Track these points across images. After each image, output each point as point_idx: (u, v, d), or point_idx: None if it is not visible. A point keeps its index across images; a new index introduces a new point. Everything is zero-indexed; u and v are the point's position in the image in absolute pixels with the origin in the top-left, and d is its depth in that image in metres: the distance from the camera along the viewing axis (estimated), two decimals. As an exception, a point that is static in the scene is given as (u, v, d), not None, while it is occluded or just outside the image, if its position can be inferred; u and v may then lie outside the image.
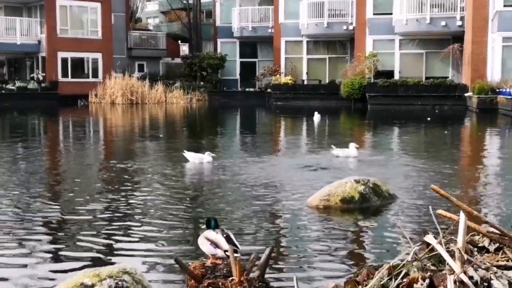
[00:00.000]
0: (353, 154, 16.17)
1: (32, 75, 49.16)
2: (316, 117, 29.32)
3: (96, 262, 7.06)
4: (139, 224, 8.99)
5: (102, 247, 7.82)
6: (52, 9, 48.40)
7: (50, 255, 7.49)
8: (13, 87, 47.09)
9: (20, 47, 48.60)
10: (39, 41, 49.07)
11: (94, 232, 8.54)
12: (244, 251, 6.93)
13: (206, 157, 15.30)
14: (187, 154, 15.50)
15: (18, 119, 35.49)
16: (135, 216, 9.48)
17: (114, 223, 9.05)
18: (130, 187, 12.10)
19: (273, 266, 6.78)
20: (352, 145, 16.33)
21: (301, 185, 12.04)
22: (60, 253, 7.60)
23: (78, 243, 8.00)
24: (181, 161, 15.40)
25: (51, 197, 11.22)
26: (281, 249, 7.68)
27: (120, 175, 13.60)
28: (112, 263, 6.91)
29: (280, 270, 6.84)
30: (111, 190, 11.95)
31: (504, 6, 36.79)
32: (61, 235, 8.45)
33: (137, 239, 8.17)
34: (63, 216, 9.55)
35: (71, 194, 11.50)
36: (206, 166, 14.87)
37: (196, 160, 15.23)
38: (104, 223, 9.11)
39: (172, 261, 6.59)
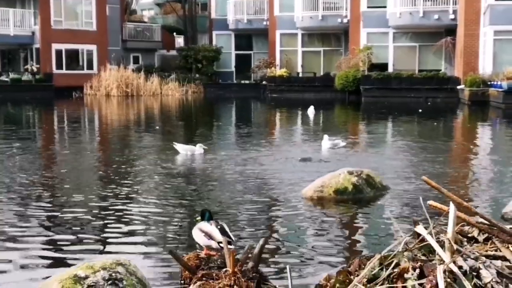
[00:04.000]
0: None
1: (26, 67, 48.93)
2: (311, 110, 29.12)
3: (90, 254, 7.12)
4: (133, 215, 9.04)
5: (95, 239, 7.87)
6: (46, 0, 48.10)
7: (44, 247, 7.53)
8: (7, 79, 46.92)
9: (14, 39, 48.32)
10: (33, 33, 48.80)
11: (87, 224, 8.58)
12: (238, 243, 7.00)
13: (198, 149, 15.37)
14: (178, 146, 15.59)
15: (11, 111, 35.45)
16: (128, 208, 9.52)
17: (107, 215, 9.09)
18: (123, 179, 12.11)
19: (267, 257, 6.85)
20: (326, 138, 16.72)
21: (295, 177, 12.09)
22: (54, 245, 7.63)
23: (71, 235, 8.04)
24: (174, 153, 15.45)
25: (43, 190, 11.23)
26: (275, 240, 7.74)
27: (114, 168, 13.62)
28: (108, 253, 6.99)
29: (274, 261, 6.91)
30: (104, 182, 11.99)
31: (496, 0, 36.94)
32: (54, 227, 8.48)
33: (130, 231, 8.22)
34: (55, 208, 9.59)
35: (63, 186, 11.54)
36: (200, 158, 14.91)
37: (188, 152, 15.30)
38: (97, 215, 9.15)
39: (166, 253, 6.64)
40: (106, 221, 8.73)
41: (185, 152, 15.32)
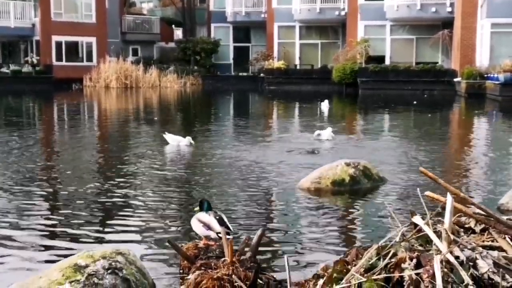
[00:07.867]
0: (328, 137, 16.48)
1: (26, 59, 48.91)
2: (325, 104, 27.83)
3: (90, 244, 7.15)
4: (132, 205, 9.06)
5: (95, 229, 7.89)
6: (46, -7, 48.11)
7: (44, 237, 7.55)
8: (7, 71, 46.90)
9: (14, 31, 48.29)
10: (33, 25, 48.76)
11: (87, 214, 8.61)
12: (236, 233, 7.04)
13: (185, 141, 15.43)
14: (167, 136, 15.66)
15: (12, 103, 35.41)
16: (127, 198, 9.55)
17: (106, 205, 9.13)
18: (121, 169, 12.13)
19: (265, 247, 6.88)
20: (329, 129, 16.75)
21: (293, 168, 12.12)
22: (54, 235, 7.66)
23: (71, 225, 8.06)
24: (167, 143, 15.51)
25: (42, 180, 11.25)
26: (273, 231, 7.78)
27: (112, 158, 13.67)
28: (107, 243, 7.03)
29: (271, 251, 6.94)
30: (102, 172, 12.02)
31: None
32: (54, 218, 8.49)
33: (130, 221, 8.24)
34: (54, 198, 9.62)
35: (61, 176, 11.56)
36: (192, 149, 14.97)
37: (175, 143, 15.39)
38: (96, 205, 9.17)
39: (165, 242, 6.67)
40: (105, 211, 8.76)
41: (173, 143, 15.41)
